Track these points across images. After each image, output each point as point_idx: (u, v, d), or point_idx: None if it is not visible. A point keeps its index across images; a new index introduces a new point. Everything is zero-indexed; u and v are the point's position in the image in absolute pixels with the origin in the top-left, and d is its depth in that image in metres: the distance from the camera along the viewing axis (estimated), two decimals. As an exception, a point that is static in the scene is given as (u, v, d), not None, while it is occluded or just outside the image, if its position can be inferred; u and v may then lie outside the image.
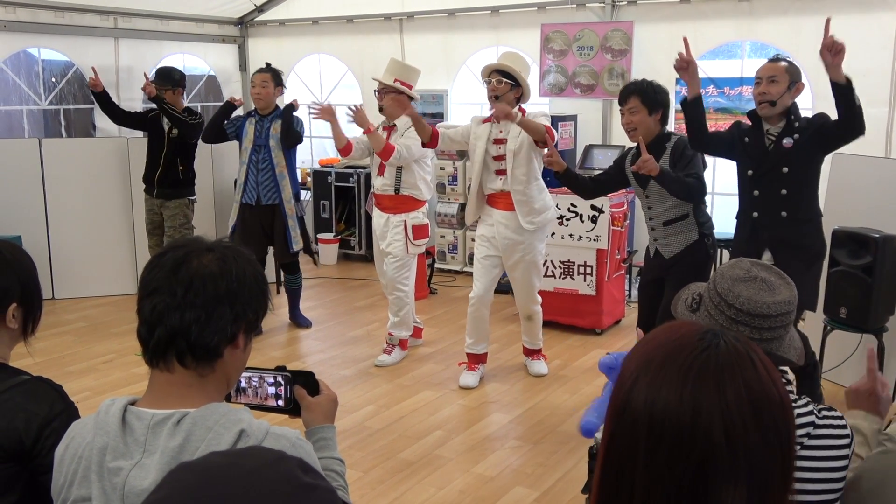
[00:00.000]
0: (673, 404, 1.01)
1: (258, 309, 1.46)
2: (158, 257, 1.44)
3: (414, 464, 4.00)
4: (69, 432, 1.44)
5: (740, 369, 1.04)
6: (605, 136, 7.26)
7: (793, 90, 3.86)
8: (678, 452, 1.00)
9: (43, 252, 6.69)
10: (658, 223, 4.16)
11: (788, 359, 1.72)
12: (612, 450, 1.07)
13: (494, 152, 4.85)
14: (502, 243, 4.90)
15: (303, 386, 1.70)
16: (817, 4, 6.06)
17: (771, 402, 1.04)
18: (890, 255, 4.25)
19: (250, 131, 5.75)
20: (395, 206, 5.30)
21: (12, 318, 1.82)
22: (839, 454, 1.60)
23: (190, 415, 1.35)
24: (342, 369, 5.29)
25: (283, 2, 9.06)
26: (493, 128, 4.82)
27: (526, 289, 5.03)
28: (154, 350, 1.40)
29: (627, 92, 4.11)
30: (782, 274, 1.75)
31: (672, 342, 1.08)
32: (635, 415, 1.04)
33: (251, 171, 5.77)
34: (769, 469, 1.03)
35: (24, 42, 7.51)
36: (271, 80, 5.72)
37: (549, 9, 7.34)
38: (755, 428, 1.01)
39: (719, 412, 1.00)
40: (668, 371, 1.04)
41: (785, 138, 3.86)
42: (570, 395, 4.89)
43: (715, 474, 1.00)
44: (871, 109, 5.83)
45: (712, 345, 1.06)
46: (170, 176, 6.26)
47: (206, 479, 0.82)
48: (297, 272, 6.12)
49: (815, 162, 3.92)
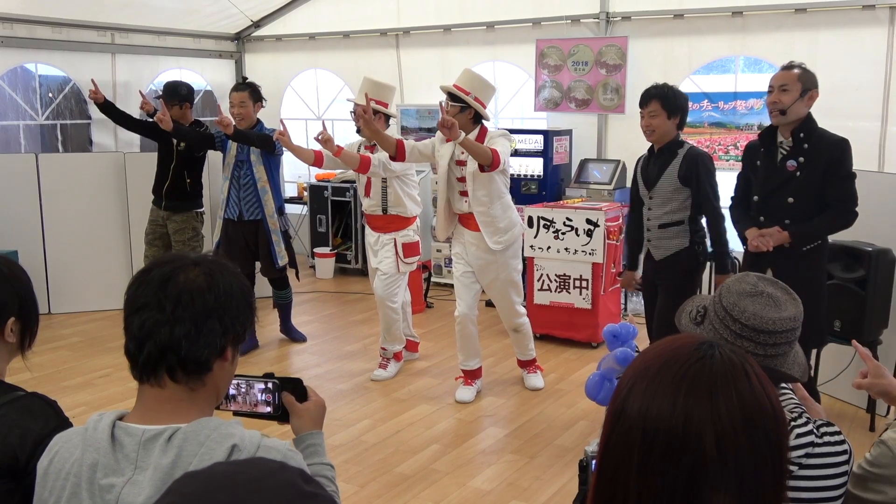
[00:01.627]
0: (665, 412, 1.04)
1: (245, 321, 1.47)
2: (144, 273, 1.44)
3: (410, 478, 4.00)
4: (52, 446, 1.43)
5: (734, 380, 1.05)
6: (600, 150, 7.29)
7: (806, 98, 3.74)
8: (669, 459, 1.02)
9: (39, 267, 6.69)
10: (654, 225, 4.24)
11: (792, 375, 1.71)
12: (607, 454, 1.10)
13: (458, 174, 4.82)
14: (476, 263, 4.91)
15: (291, 392, 1.71)
16: (810, 20, 6.12)
17: (763, 413, 1.05)
18: (883, 269, 4.28)
19: (233, 147, 5.70)
20: (385, 225, 5.30)
21: (10, 332, 1.83)
22: (837, 472, 1.61)
23: (181, 430, 1.35)
24: (338, 383, 5.29)
25: (280, 17, 9.12)
26: (456, 148, 4.72)
27: (506, 305, 5.03)
28: (144, 366, 1.40)
29: (649, 96, 4.16)
30: (789, 290, 1.73)
31: (669, 352, 1.10)
32: (630, 421, 1.06)
33: (233, 187, 5.75)
34: (760, 479, 1.04)
35: (21, 58, 7.54)
36: (249, 97, 5.64)
37: (544, 24, 7.39)
38: (746, 438, 1.03)
39: (710, 421, 1.02)
40: (663, 379, 1.06)
41: (790, 160, 3.79)
42: (566, 408, 4.90)
43: (706, 482, 1.01)
44: (865, 123, 5.90)
45: (707, 355, 1.08)
46: (178, 188, 6.24)
47: (212, 486, 0.84)
48: (285, 287, 6.09)
49: (820, 200, 3.79)
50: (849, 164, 3.76)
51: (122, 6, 7.77)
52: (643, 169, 4.32)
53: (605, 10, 7.04)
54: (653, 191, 4.22)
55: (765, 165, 3.91)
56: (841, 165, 3.72)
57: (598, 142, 7.30)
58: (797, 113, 3.76)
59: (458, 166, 4.80)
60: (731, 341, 1.65)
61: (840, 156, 3.73)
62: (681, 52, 6.75)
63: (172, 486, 0.88)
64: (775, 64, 6.36)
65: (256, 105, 5.72)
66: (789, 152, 3.80)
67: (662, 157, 4.19)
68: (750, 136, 6.39)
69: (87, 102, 8.05)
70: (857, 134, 3.82)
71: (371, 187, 5.26)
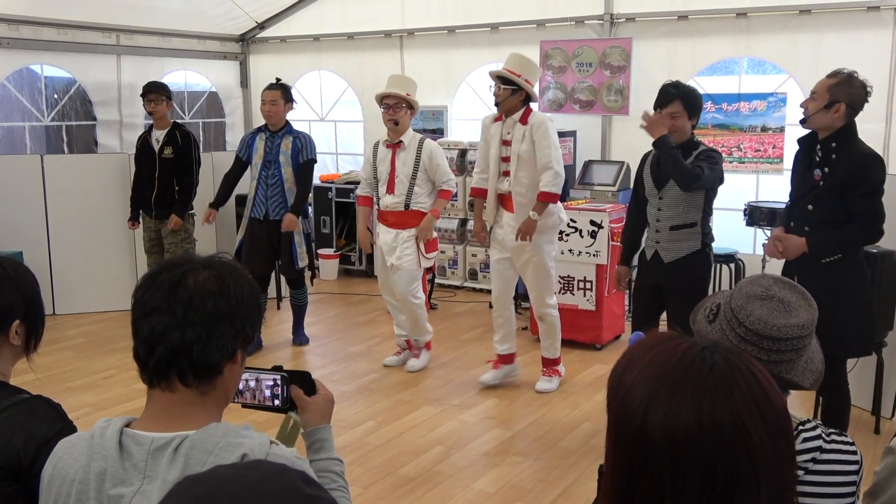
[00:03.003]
0: (693, 432, 0.99)
1: (255, 323, 1.47)
2: (153, 277, 1.42)
3: (414, 480, 4.00)
4: (55, 452, 1.41)
5: (744, 381, 1.03)
6: (604, 151, 7.29)
7: (831, 111, 3.58)
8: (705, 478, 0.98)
9: (44, 268, 6.71)
10: (664, 226, 4.18)
11: (798, 383, 1.65)
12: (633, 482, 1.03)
13: (503, 153, 4.95)
14: (511, 245, 4.97)
15: (299, 386, 1.72)
16: (814, 21, 6.11)
17: (775, 408, 1.03)
18: (888, 271, 4.27)
19: (260, 147, 5.80)
20: (404, 221, 5.37)
21: (15, 334, 1.84)
22: (846, 480, 1.57)
23: (189, 438, 1.34)
24: (342, 385, 5.29)
25: (285, 19, 9.13)
26: (504, 127, 4.91)
27: (536, 289, 5.10)
28: (155, 370, 1.39)
29: (670, 96, 4.06)
30: (807, 295, 1.67)
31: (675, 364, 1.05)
32: (655, 444, 1.00)
33: (261, 186, 5.82)
34: (784, 475, 1.03)
35: (26, 59, 7.56)
36: (281, 97, 5.76)
37: (549, 26, 7.39)
38: (768, 437, 1.01)
39: (738, 433, 0.99)
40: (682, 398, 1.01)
41: (817, 168, 3.70)
42: (571, 409, 4.90)
43: (740, 492, 0.99)
44: (869, 125, 5.87)
45: (712, 361, 1.04)
46: (167, 196, 6.29)
47: (214, 489, 0.85)
48: (302, 287, 6.14)
49: (839, 210, 3.64)
50: (873, 179, 3.59)
51: (128, 7, 7.79)
52: (653, 167, 4.23)
53: (610, 11, 7.04)
54: (663, 190, 4.16)
55: (800, 171, 3.83)
56: (863, 179, 3.58)
57: (602, 143, 7.29)
58: (820, 122, 3.64)
59: (503, 146, 4.93)
60: (736, 344, 1.61)
61: (862, 170, 3.59)
62: (685, 53, 6.74)
63: (173, 489, 0.88)
64: (779, 65, 6.38)
65: (287, 105, 5.83)
66: (820, 160, 3.70)
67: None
68: (753, 138, 6.40)
69: (91, 103, 8.08)
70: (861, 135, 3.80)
71: (396, 185, 5.35)
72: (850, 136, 3.65)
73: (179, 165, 6.25)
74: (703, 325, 1.74)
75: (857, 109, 3.66)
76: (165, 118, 6.27)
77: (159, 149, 6.24)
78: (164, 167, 6.25)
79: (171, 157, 6.23)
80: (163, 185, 6.27)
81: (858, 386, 4.71)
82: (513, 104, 4.81)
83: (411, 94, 5.31)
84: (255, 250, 5.86)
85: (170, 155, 6.22)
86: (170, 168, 6.25)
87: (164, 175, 6.26)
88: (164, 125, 6.28)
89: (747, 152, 6.42)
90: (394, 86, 5.30)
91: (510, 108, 4.82)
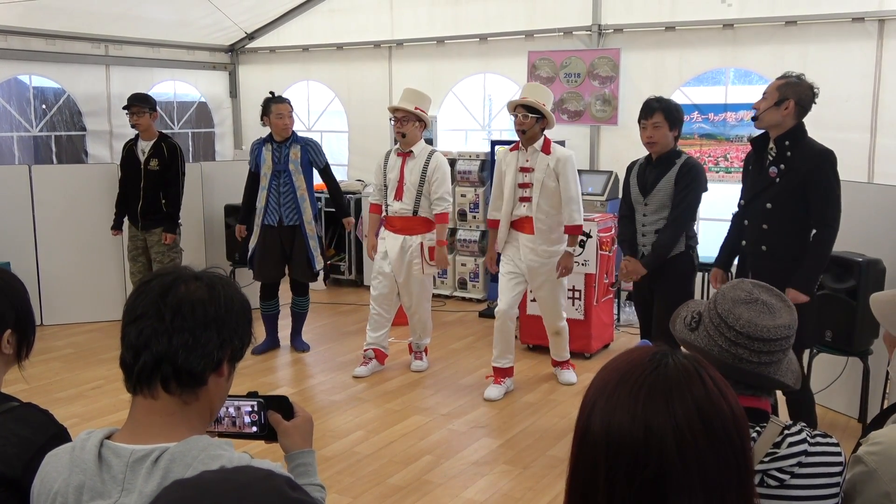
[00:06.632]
0: (626, 424, 1.06)
1: (244, 337, 1.46)
2: (145, 284, 1.43)
3: (403, 489, 4.00)
4: (43, 466, 1.41)
5: (689, 386, 1.09)
6: (592, 161, 7.33)
7: (781, 108, 3.73)
8: (634, 470, 1.05)
9: (32, 278, 6.67)
10: (650, 230, 4.37)
11: (784, 382, 1.70)
12: (576, 475, 1.12)
13: (521, 179, 5.08)
14: (527, 266, 5.12)
15: (276, 410, 1.68)
16: (800, 32, 6.18)
17: (721, 416, 1.08)
18: (873, 279, 4.31)
19: (268, 158, 5.90)
20: (411, 227, 5.47)
21: (6, 344, 1.84)
22: (831, 482, 1.59)
23: (169, 451, 1.33)
24: (332, 394, 5.29)
25: (274, 29, 9.15)
26: (521, 155, 5.08)
27: (551, 307, 5.27)
28: (139, 376, 1.38)
29: (652, 109, 4.27)
30: (784, 297, 1.73)
31: (625, 365, 1.13)
32: (594, 438, 1.09)
33: (272, 195, 5.90)
34: (725, 481, 1.07)
35: (15, 69, 7.55)
36: (290, 109, 5.95)
37: (537, 37, 7.44)
38: (707, 442, 1.06)
39: (670, 428, 1.05)
40: (621, 393, 1.09)
41: (773, 166, 3.82)
42: (559, 419, 4.91)
43: (670, 488, 1.04)
44: (854, 135, 5.94)
45: (661, 364, 1.11)
46: (153, 208, 6.30)
47: (200, 493, 0.86)
48: (306, 295, 6.20)
49: (798, 207, 3.78)
50: (829, 175, 3.69)
51: (117, 18, 7.79)
52: (639, 175, 4.43)
53: (598, 22, 7.09)
54: (648, 197, 4.35)
55: (754, 170, 3.97)
56: (823, 174, 3.68)
57: (591, 153, 7.34)
58: (771, 119, 3.78)
59: (521, 173, 5.08)
60: (726, 348, 1.66)
61: (822, 162, 3.69)
62: (672, 63, 6.80)
63: (161, 493, 0.89)
64: (765, 76, 6.42)
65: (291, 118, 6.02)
66: (774, 159, 3.84)
67: (661, 166, 4.32)
68: (740, 148, 6.46)
69: (81, 114, 8.07)
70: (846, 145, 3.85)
71: (404, 193, 5.46)
72: (801, 134, 3.80)
73: (165, 178, 6.26)
74: (685, 333, 1.77)
75: (807, 108, 3.79)
76: (151, 129, 6.27)
77: (145, 160, 6.25)
78: (150, 179, 6.26)
79: (156, 170, 6.24)
80: (148, 198, 6.28)
81: (845, 393, 4.75)
82: (535, 132, 4.99)
83: (422, 108, 5.44)
84: (267, 257, 5.96)
85: (155, 167, 6.24)
86: (155, 180, 6.25)
87: (150, 187, 6.27)
88: (150, 136, 6.29)
89: (734, 162, 6.47)
90: (404, 100, 5.45)
91: (532, 136, 4.99)
